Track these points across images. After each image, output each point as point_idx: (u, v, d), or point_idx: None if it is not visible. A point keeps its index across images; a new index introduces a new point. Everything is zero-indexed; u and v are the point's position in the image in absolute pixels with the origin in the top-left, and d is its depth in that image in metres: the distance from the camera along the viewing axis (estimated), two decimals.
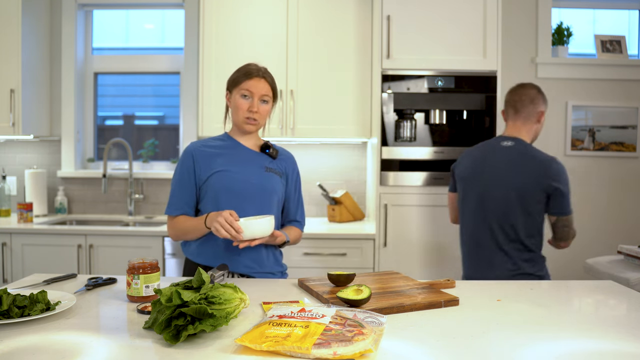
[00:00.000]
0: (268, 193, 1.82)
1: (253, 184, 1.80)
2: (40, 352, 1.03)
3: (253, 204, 1.79)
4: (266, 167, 1.86)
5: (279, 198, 1.87)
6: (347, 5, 3.05)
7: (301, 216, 1.97)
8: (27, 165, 3.47)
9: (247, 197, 1.79)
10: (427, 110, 2.83)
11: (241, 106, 1.81)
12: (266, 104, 1.83)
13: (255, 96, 1.80)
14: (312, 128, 3.07)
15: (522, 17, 3.36)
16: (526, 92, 2.25)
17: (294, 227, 1.94)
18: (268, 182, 1.83)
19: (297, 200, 1.96)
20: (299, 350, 0.99)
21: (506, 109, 2.30)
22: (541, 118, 2.25)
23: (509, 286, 1.63)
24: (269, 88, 1.83)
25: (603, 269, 2.42)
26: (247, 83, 1.80)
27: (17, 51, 3.07)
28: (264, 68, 1.86)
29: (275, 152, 1.90)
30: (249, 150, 1.88)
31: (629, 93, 3.38)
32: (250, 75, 1.80)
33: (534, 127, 2.25)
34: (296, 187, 1.95)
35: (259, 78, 1.81)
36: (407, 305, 1.32)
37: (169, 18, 3.70)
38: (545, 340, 1.11)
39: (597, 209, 3.41)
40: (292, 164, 1.95)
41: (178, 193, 1.82)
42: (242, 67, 1.86)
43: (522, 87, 2.27)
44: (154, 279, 1.40)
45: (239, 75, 1.83)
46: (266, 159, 1.88)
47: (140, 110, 3.83)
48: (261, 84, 1.81)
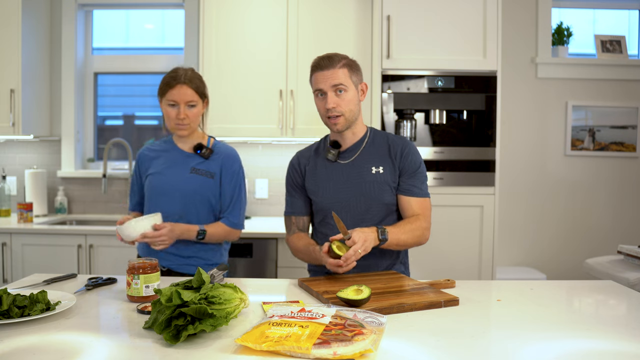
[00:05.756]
0: (189, 194, 1.91)
1: (174, 186, 1.91)
2: (40, 352, 1.02)
3: (176, 204, 1.91)
4: (192, 168, 1.93)
5: (205, 198, 1.93)
6: (347, 5, 3.05)
7: (231, 213, 1.97)
8: (27, 165, 3.47)
9: (170, 198, 1.92)
10: (427, 110, 2.83)
11: (169, 115, 1.88)
12: (194, 108, 1.88)
13: (180, 103, 1.86)
14: (312, 128, 3.06)
15: (522, 17, 3.35)
16: None
17: (219, 222, 1.96)
18: (189, 183, 1.91)
19: (229, 198, 1.97)
20: (299, 350, 0.99)
21: None
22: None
23: (509, 286, 1.63)
24: (193, 92, 1.87)
25: (603, 269, 2.42)
26: (171, 93, 1.85)
27: (17, 51, 3.07)
28: (189, 72, 1.89)
29: (208, 151, 1.94)
30: (181, 152, 1.97)
31: (629, 93, 3.38)
32: (172, 85, 1.85)
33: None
34: (230, 185, 1.96)
35: (180, 85, 1.85)
36: (407, 305, 1.32)
37: (169, 18, 3.70)
38: (545, 340, 1.11)
39: (597, 209, 3.41)
40: (229, 162, 1.97)
41: (131, 193, 2.08)
42: (166, 75, 1.90)
43: None
44: (154, 279, 1.40)
45: (162, 85, 1.89)
46: (197, 159, 1.95)
47: (140, 110, 3.84)
48: (183, 90, 1.85)
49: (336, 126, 1.75)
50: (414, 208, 1.76)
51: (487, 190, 2.78)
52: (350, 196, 1.76)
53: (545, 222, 3.41)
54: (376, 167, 1.77)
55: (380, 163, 1.78)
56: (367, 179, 1.76)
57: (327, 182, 1.80)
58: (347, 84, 1.72)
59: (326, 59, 1.73)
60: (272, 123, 3.04)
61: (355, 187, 1.76)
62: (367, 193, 1.75)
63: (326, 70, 1.72)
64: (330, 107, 1.71)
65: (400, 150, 1.78)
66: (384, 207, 1.77)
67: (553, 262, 3.40)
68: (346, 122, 1.75)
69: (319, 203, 1.81)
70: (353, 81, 1.75)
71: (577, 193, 3.41)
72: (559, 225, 3.41)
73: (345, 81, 1.72)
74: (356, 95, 1.77)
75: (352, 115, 1.75)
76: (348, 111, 1.73)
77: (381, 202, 1.76)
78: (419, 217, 1.75)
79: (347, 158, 1.81)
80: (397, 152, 1.79)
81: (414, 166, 1.78)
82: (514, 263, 3.41)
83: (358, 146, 1.82)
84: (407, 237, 1.70)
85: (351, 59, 1.78)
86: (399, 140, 1.82)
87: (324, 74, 1.72)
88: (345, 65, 1.73)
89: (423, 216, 1.76)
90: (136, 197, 2.05)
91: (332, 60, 1.73)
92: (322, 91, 1.73)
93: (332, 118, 1.74)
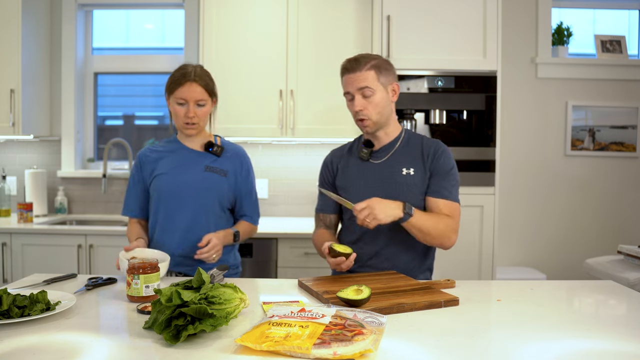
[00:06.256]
0: (206, 193, 1.86)
1: (189, 185, 1.85)
2: (40, 352, 1.02)
3: (190, 204, 1.85)
4: (207, 166, 1.89)
5: (221, 196, 1.89)
6: (347, 5, 3.05)
7: (252, 210, 1.98)
8: (27, 165, 3.47)
9: (184, 198, 1.85)
10: (427, 110, 2.83)
11: (178, 113, 1.82)
12: (203, 107, 1.84)
13: (190, 102, 1.80)
14: (312, 128, 3.06)
15: (522, 17, 3.35)
16: None
17: (244, 222, 1.96)
18: (206, 182, 1.87)
19: (247, 195, 1.97)
20: (299, 350, 0.99)
21: None
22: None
23: (509, 286, 1.63)
24: (203, 91, 1.82)
25: (603, 269, 2.42)
26: (180, 91, 1.79)
27: (17, 51, 3.07)
28: (199, 69, 1.84)
29: (220, 149, 1.91)
30: (191, 151, 1.91)
31: (629, 93, 3.38)
32: (181, 82, 1.79)
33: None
34: (246, 183, 1.96)
35: (190, 83, 1.79)
36: (407, 305, 1.32)
37: (169, 18, 3.70)
38: (545, 340, 1.11)
39: (597, 209, 3.41)
40: (240, 160, 1.96)
41: (128, 197, 1.96)
42: (175, 72, 1.83)
43: None
44: (154, 279, 1.40)
45: (171, 82, 1.82)
46: (209, 157, 1.91)
47: (140, 110, 3.84)
48: (193, 88, 1.79)
49: (365, 128, 1.75)
50: (442, 211, 1.72)
51: (487, 190, 2.78)
52: (380, 196, 1.72)
53: (545, 222, 3.41)
54: (407, 169, 1.76)
55: (411, 165, 1.76)
56: (398, 180, 1.75)
57: (358, 181, 1.80)
58: (374, 87, 1.70)
59: (353, 61, 1.72)
60: (272, 123, 3.05)
61: (386, 188, 1.75)
62: (396, 194, 1.73)
63: (352, 73, 1.70)
64: (357, 110, 1.71)
65: (433, 152, 1.77)
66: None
67: (553, 262, 3.40)
68: (375, 124, 1.74)
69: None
70: (381, 82, 1.72)
71: (577, 193, 3.41)
72: (559, 225, 3.41)
73: (372, 84, 1.69)
74: (385, 96, 1.73)
75: (380, 117, 1.74)
76: (376, 113, 1.72)
77: (410, 204, 1.74)
78: (450, 218, 1.72)
79: (379, 158, 1.81)
80: (429, 154, 1.77)
81: (445, 168, 1.75)
82: (514, 263, 3.41)
83: (391, 146, 1.81)
84: (432, 225, 1.66)
85: (381, 60, 1.74)
86: (432, 143, 1.80)
87: (350, 76, 1.71)
88: (373, 67, 1.70)
89: (453, 219, 1.73)
90: (137, 202, 1.94)
91: (358, 62, 1.70)
92: (350, 94, 1.72)
93: (361, 120, 1.74)
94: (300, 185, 3.38)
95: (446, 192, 1.73)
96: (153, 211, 1.91)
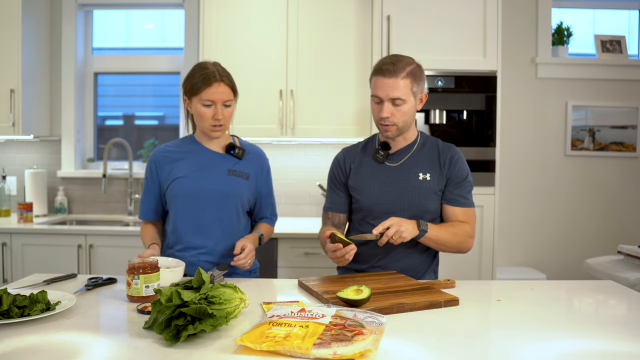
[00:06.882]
0: (229, 197, 1.79)
1: (211, 190, 1.78)
2: (40, 352, 1.02)
3: (212, 209, 1.78)
4: (229, 170, 1.81)
5: (243, 201, 1.83)
6: (347, 5, 3.05)
7: (271, 212, 1.97)
8: (27, 165, 3.47)
9: (205, 202, 1.78)
10: (427, 110, 2.82)
11: (205, 115, 1.73)
12: (229, 107, 1.76)
13: (217, 103, 1.72)
14: (312, 128, 3.06)
15: (522, 17, 3.35)
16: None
17: (265, 224, 1.94)
18: (229, 186, 1.80)
19: (267, 197, 1.93)
20: (299, 350, 0.99)
21: None
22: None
23: (509, 286, 1.63)
24: (229, 90, 1.74)
25: (603, 269, 2.42)
26: (208, 92, 1.70)
27: (17, 51, 3.07)
28: (221, 68, 1.76)
29: (241, 151, 1.84)
30: (212, 153, 1.83)
31: (629, 93, 3.38)
32: (209, 82, 1.69)
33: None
34: (266, 184, 1.92)
35: (218, 83, 1.70)
36: (407, 305, 1.32)
37: (169, 18, 3.70)
38: (545, 340, 1.11)
39: (597, 209, 3.41)
40: (260, 162, 1.90)
41: (144, 200, 1.87)
42: (197, 71, 1.73)
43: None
44: (154, 279, 1.40)
45: (197, 83, 1.71)
46: (231, 160, 1.83)
47: (140, 110, 3.83)
48: (221, 89, 1.71)
49: (387, 133, 1.72)
50: (459, 218, 1.75)
51: (487, 190, 2.78)
52: (395, 200, 1.73)
53: (545, 222, 3.41)
54: (424, 174, 1.75)
55: (428, 170, 1.76)
56: (414, 184, 1.74)
57: (373, 182, 1.78)
58: (406, 97, 1.65)
59: (390, 64, 1.64)
60: (272, 123, 3.05)
61: (401, 192, 1.74)
62: (412, 198, 1.73)
63: (387, 79, 1.64)
64: (384, 117, 1.67)
65: (450, 159, 1.76)
66: (427, 214, 1.75)
67: (553, 262, 3.40)
68: (398, 131, 1.72)
69: (362, 202, 1.79)
70: (413, 92, 1.68)
71: (577, 193, 3.41)
72: (559, 225, 3.41)
73: (405, 94, 1.65)
74: (414, 105, 1.71)
75: (405, 125, 1.72)
76: (402, 122, 1.69)
77: (425, 209, 1.74)
78: (465, 224, 1.74)
79: (395, 161, 1.78)
80: (446, 160, 1.76)
81: (461, 176, 1.76)
82: (514, 263, 3.41)
83: (407, 150, 1.79)
84: (449, 237, 1.68)
85: (416, 66, 1.68)
86: (448, 148, 1.80)
87: (384, 81, 1.64)
88: (409, 75, 1.65)
89: (469, 224, 1.75)
90: (152, 204, 1.85)
91: (395, 67, 1.63)
92: (379, 98, 1.67)
93: (385, 125, 1.70)
94: (300, 185, 3.38)
95: (463, 199, 1.76)
96: (172, 215, 1.82)
